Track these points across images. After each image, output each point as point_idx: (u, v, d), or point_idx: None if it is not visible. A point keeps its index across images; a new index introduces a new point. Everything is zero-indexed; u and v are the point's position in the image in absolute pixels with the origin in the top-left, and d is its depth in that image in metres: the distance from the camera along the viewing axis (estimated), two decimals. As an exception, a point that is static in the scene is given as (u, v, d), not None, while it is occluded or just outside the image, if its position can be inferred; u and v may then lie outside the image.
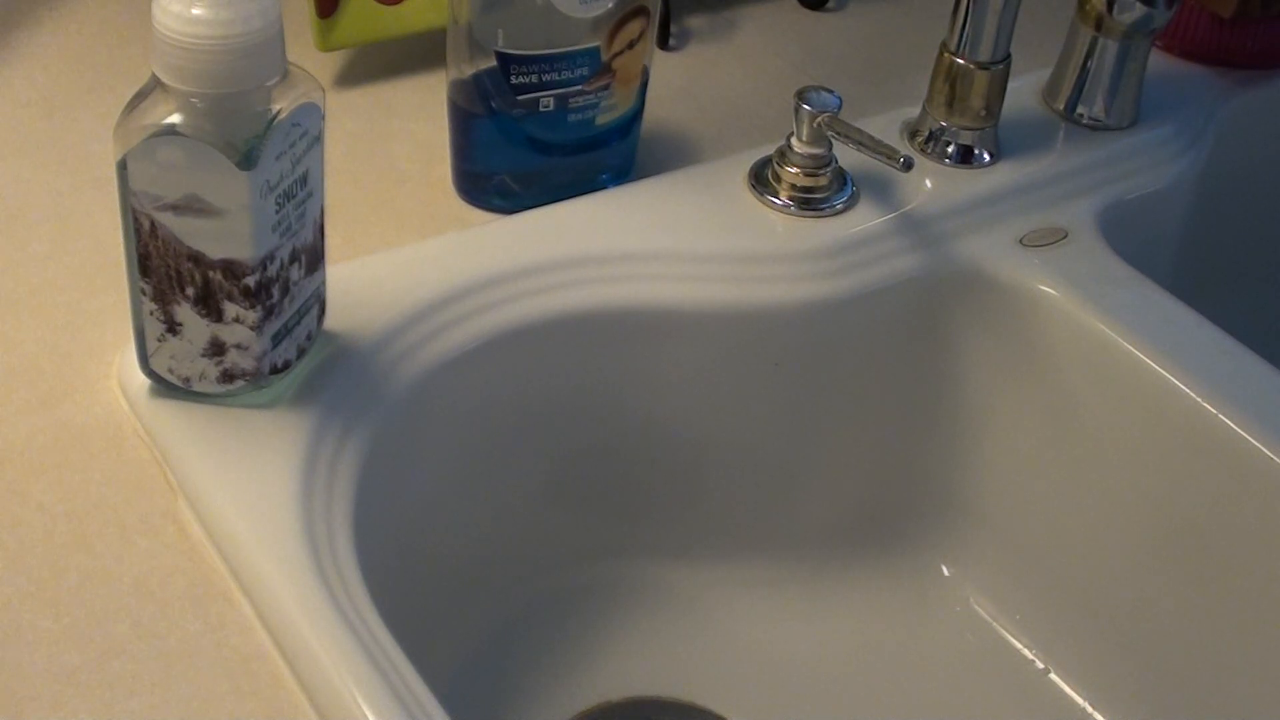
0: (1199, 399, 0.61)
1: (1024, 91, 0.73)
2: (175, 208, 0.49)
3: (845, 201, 0.66)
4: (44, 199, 0.65)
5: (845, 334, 0.66)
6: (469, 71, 0.63)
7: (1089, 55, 0.72)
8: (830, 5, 0.84)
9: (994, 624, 0.71)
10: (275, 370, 0.54)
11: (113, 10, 0.76)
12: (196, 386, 0.53)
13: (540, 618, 0.68)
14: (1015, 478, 0.69)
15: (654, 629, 0.69)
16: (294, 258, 0.52)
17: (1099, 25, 0.71)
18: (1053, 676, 0.69)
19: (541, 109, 0.64)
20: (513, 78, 0.63)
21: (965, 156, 0.69)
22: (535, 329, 0.61)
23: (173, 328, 0.52)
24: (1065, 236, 0.67)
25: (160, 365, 0.53)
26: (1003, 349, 0.67)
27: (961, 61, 0.67)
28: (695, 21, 0.81)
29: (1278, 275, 0.86)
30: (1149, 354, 0.62)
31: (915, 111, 0.70)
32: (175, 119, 0.48)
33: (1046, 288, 0.65)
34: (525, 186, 0.66)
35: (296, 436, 0.53)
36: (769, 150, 0.67)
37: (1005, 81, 0.68)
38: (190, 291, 0.51)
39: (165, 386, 0.54)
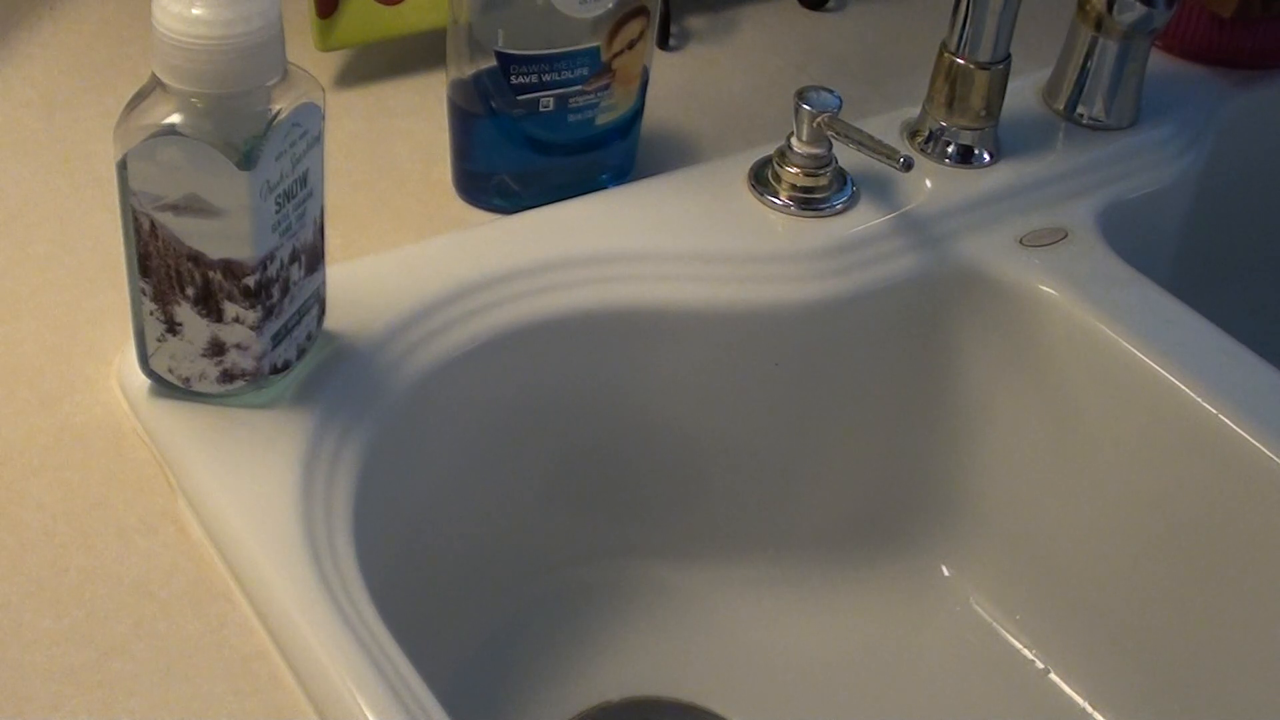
0: (1199, 399, 0.61)
1: (1024, 91, 0.73)
2: (175, 208, 0.49)
3: (845, 201, 0.66)
4: (44, 199, 0.65)
5: (845, 334, 0.66)
6: (469, 71, 0.63)
7: (1089, 55, 0.72)
8: (830, 5, 0.84)
9: (994, 624, 0.70)
10: (275, 370, 0.54)
11: (113, 10, 0.76)
12: (196, 386, 0.53)
13: (540, 618, 0.68)
14: (1015, 478, 0.69)
15: (654, 629, 0.69)
16: (294, 258, 0.52)
17: (1099, 25, 0.71)
18: (1053, 676, 0.69)
19: (541, 109, 0.64)
20: (513, 78, 0.63)
21: (965, 156, 0.69)
22: (535, 329, 0.61)
23: (173, 328, 0.52)
24: (1065, 236, 0.67)
25: (160, 365, 0.53)
26: (1003, 349, 0.67)
27: (961, 61, 0.67)
28: (695, 21, 0.81)
29: (1277, 275, 0.86)
30: (1149, 354, 0.62)
31: (915, 111, 0.70)
32: (175, 119, 0.48)
33: (1046, 288, 0.65)
34: (525, 186, 0.66)
35: (296, 436, 0.53)
36: (769, 150, 0.67)
37: (1005, 81, 0.68)
38: (190, 291, 0.51)
39: (165, 386, 0.54)
